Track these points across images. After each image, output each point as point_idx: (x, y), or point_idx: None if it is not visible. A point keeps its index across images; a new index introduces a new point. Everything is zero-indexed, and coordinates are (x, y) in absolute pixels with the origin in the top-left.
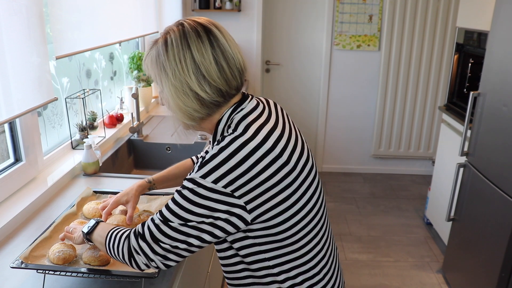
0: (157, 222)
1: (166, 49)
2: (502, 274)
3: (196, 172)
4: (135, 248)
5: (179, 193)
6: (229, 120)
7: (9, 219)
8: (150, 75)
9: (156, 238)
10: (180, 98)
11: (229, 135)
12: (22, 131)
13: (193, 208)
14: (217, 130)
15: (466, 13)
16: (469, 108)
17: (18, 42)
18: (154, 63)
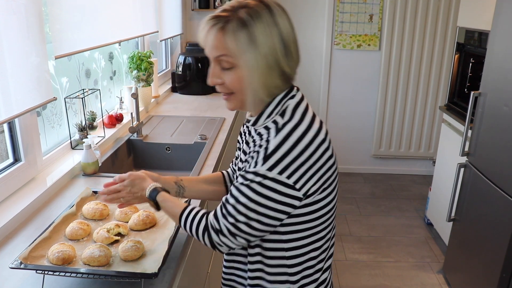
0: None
1: (254, 21)
2: (503, 274)
3: (262, 165)
4: (217, 243)
5: (247, 186)
6: (280, 105)
7: (8, 219)
8: (222, 50)
9: (234, 233)
10: (265, 73)
11: (288, 123)
12: (21, 131)
13: (261, 200)
14: (263, 112)
15: (467, 12)
16: (470, 108)
17: (17, 41)
18: (239, 35)
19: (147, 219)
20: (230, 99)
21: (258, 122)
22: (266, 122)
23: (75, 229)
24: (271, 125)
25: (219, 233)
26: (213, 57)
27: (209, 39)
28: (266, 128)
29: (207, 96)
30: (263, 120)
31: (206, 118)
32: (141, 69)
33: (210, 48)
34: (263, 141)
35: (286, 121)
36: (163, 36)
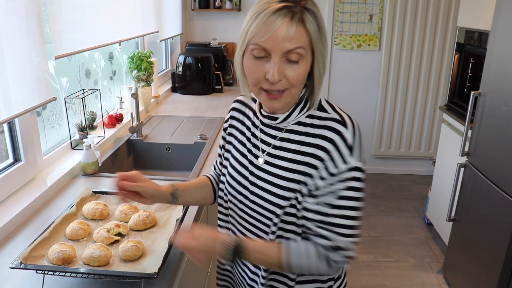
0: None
1: (319, 11)
2: (503, 274)
3: (351, 157)
4: (339, 261)
5: (354, 188)
6: (305, 98)
7: (9, 219)
8: (298, 42)
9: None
10: (324, 66)
11: (343, 115)
12: (21, 131)
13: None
14: (295, 108)
15: (467, 12)
16: (470, 108)
17: (17, 41)
18: (313, 25)
19: (147, 219)
20: (283, 96)
21: (289, 119)
22: (299, 117)
23: (75, 229)
24: (332, 123)
25: (346, 251)
26: (285, 50)
27: (288, 31)
28: (327, 127)
29: (207, 96)
30: (294, 116)
31: (206, 118)
32: (141, 69)
33: (285, 40)
34: (335, 136)
35: (340, 114)
36: (163, 36)
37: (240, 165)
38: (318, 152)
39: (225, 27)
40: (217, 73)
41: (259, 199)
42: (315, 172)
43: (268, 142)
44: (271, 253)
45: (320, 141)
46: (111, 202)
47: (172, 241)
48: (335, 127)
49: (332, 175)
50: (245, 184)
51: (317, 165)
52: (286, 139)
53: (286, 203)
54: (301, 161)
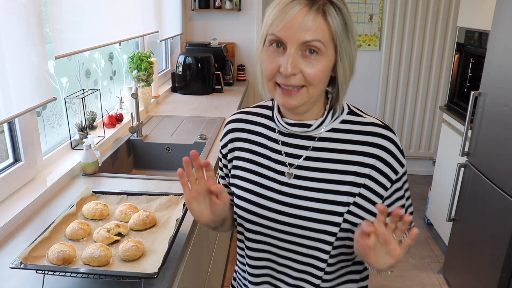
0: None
1: (345, 6)
2: (503, 274)
3: (404, 158)
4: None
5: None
6: (333, 101)
7: (9, 219)
8: (317, 35)
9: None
10: (352, 64)
11: (374, 116)
12: (21, 131)
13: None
14: (327, 114)
15: (467, 12)
16: (470, 108)
17: (16, 41)
18: (338, 19)
19: (147, 219)
20: (299, 93)
21: (322, 126)
22: (332, 124)
23: (75, 229)
24: (376, 129)
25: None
26: (302, 41)
27: (305, 20)
28: (372, 133)
29: (207, 96)
30: (328, 122)
31: (206, 118)
32: (141, 69)
33: (302, 30)
34: (387, 143)
35: (377, 118)
36: (163, 36)
37: (261, 187)
38: (368, 160)
39: (225, 27)
40: (217, 73)
41: (300, 220)
42: (370, 181)
43: (296, 155)
44: None
45: (369, 149)
46: (111, 202)
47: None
48: (383, 133)
49: (394, 182)
50: (273, 207)
51: (371, 174)
52: (321, 148)
53: (339, 219)
54: (347, 171)
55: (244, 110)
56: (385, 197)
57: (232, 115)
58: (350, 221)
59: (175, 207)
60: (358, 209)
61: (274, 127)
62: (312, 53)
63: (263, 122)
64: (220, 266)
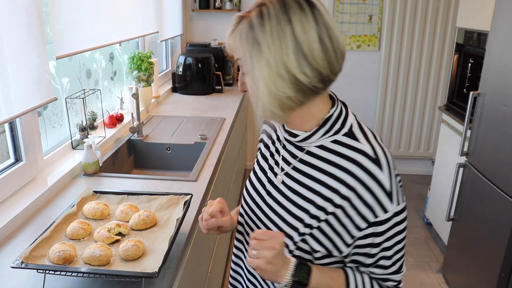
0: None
1: (262, 22)
2: (502, 274)
3: (392, 204)
4: None
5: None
6: (339, 120)
7: (9, 219)
8: (236, 55)
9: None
10: (273, 81)
11: (375, 149)
12: (22, 131)
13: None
14: (318, 130)
15: (466, 13)
16: (469, 108)
17: (17, 42)
18: (245, 38)
19: (148, 219)
20: (258, 107)
21: (309, 140)
22: (321, 141)
23: (76, 228)
24: (362, 159)
25: (401, 283)
26: (235, 59)
27: (228, 41)
28: (356, 163)
29: (207, 96)
30: (317, 138)
31: (206, 118)
32: (142, 70)
33: (229, 49)
34: (367, 179)
35: (373, 148)
36: (163, 37)
37: (259, 182)
38: (346, 191)
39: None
40: (217, 74)
41: (271, 224)
42: (341, 212)
43: (288, 161)
44: (335, 280)
45: (350, 179)
46: (112, 201)
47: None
48: (367, 166)
49: (371, 225)
50: (260, 204)
51: (344, 206)
52: (306, 162)
53: (297, 236)
54: (322, 194)
55: None
56: (357, 238)
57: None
58: (309, 243)
59: (176, 207)
60: (320, 235)
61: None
62: (243, 70)
63: (276, 128)
64: (220, 266)
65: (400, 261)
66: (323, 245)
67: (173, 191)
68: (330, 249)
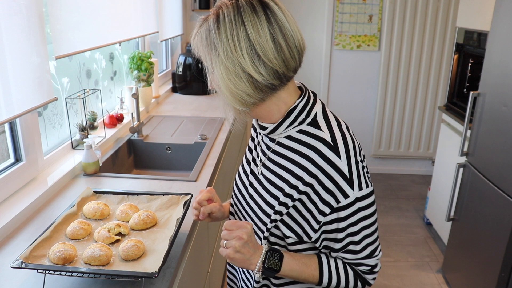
0: (375, 250)
1: (218, 25)
2: (502, 274)
3: (352, 190)
4: (374, 278)
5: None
6: (305, 111)
7: (9, 219)
8: (200, 56)
9: (377, 248)
10: (231, 81)
11: (335, 138)
12: (22, 131)
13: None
14: (283, 121)
15: (466, 13)
16: (469, 108)
17: (18, 42)
18: (204, 41)
19: (148, 219)
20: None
21: (277, 131)
22: (288, 131)
23: (76, 228)
24: (321, 146)
25: (377, 267)
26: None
27: (192, 43)
28: (316, 151)
29: (207, 96)
30: (283, 129)
31: (206, 118)
32: (142, 70)
33: (194, 52)
34: (326, 166)
35: (333, 135)
36: (163, 37)
37: (244, 174)
38: (309, 178)
39: None
40: None
41: (250, 211)
42: (306, 199)
43: (265, 152)
44: (307, 266)
45: (312, 167)
46: (112, 202)
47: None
48: (325, 153)
49: (334, 210)
50: (244, 194)
51: (308, 192)
52: (277, 152)
53: (268, 221)
54: (290, 182)
55: None
56: (322, 223)
57: None
58: (280, 229)
59: (176, 207)
60: (290, 220)
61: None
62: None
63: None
64: (220, 266)
65: (371, 246)
66: (293, 231)
67: (173, 191)
68: (300, 234)
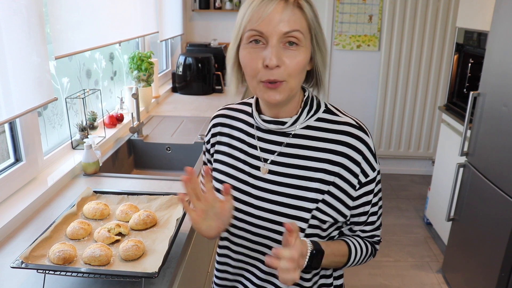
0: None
1: (316, 9)
2: (502, 274)
3: (376, 163)
4: (378, 249)
5: (379, 191)
6: (315, 100)
7: (9, 219)
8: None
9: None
10: (320, 59)
11: (351, 117)
12: (22, 131)
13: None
14: (302, 111)
15: (466, 13)
16: (469, 108)
17: (18, 42)
18: (311, 11)
19: (148, 219)
20: (281, 88)
21: (297, 123)
22: (307, 121)
23: (76, 228)
24: (349, 128)
25: (381, 241)
26: (282, 32)
27: (284, 13)
28: (345, 133)
29: (207, 96)
30: (303, 119)
31: (206, 118)
32: (142, 70)
33: (282, 22)
34: (358, 143)
35: (353, 118)
36: (163, 37)
37: (238, 181)
38: (338, 158)
39: (225, 28)
40: (217, 74)
41: (272, 214)
42: (339, 180)
43: (271, 150)
44: (340, 255)
45: (340, 147)
46: (112, 202)
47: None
48: (355, 133)
49: (364, 184)
50: (248, 200)
51: (340, 172)
52: (295, 145)
53: (308, 215)
54: (317, 168)
55: (228, 106)
56: (354, 197)
57: (217, 111)
58: (318, 218)
59: (176, 206)
60: (326, 207)
61: (253, 123)
62: (291, 44)
63: (243, 118)
64: None
65: (381, 216)
66: (329, 215)
67: (173, 191)
68: (334, 217)
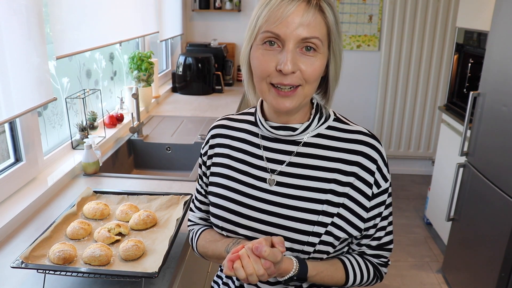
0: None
1: (337, 11)
2: (502, 274)
3: (388, 173)
4: (385, 273)
5: (390, 204)
6: (322, 108)
7: (9, 219)
8: (314, 32)
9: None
10: (335, 66)
11: (360, 126)
12: (22, 131)
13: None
14: (314, 118)
15: (466, 13)
16: (469, 108)
17: (17, 42)
18: (333, 16)
19: (148, 219)
20: (295, 94)
21: (308, 130)
22: (318, 129)
23: (76, 228)
24: (362, 137)
25: (389, 264)
26: (301, 38)
27: (305, 17)
28: (358, 141)
29: (207, 96)
30: (314, 127)
31: (206, 118)
32: (142, 70)
33: (301, 26)
34: (372, 152)
35: (363, 127)
36: (163, 37)
37: (242, 195)
38: (350, 168)
39: (225, 28)
40: (217, 74)
41: (283, 230)
42: (353, 191)
43: (279, 160)
44: (333, 277)
45: (353, 157)
46: (112, 202)
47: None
48: (369, 141)
49: (376, 195)
50: (253, 215)
51: (353, 183)
52: (306, 154)
53: (322, 229)
54: (329, 179)
55: (228, 116)
56: (368, 208)
57: (216, 121)
58: (333, 234)
59: (176, 206)
60: (341, 221)
61: (257, 132)
62: (309, 50)
63: (245, 128)
64: None
65: (391, 233)
66: (345, 230)
67: (173, 191)
68: (350, 232)
